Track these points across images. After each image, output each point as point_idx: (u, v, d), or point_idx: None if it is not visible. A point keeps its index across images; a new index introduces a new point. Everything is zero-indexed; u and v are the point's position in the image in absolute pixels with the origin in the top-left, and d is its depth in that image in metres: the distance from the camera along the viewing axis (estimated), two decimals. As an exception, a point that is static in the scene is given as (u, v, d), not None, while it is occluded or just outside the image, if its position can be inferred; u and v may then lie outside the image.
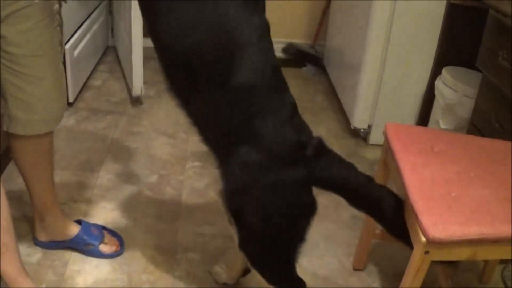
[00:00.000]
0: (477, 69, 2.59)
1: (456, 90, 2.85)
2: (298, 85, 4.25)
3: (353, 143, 3.45)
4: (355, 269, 2.41)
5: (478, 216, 1.63)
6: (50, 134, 2.14)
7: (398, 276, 1.78)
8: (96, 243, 2.35)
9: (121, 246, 2.40)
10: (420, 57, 3.21)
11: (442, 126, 2.91)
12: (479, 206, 1.68)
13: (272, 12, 4.64)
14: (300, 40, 4.77)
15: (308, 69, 4.53)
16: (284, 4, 4.64)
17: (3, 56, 1.83)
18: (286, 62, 4.66)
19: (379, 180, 2.16)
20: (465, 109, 2.77)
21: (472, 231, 1.58)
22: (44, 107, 2.02)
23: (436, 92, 3.03)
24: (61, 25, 2.03)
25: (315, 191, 1.75)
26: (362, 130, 3.44)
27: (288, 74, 4.42)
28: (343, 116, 3.65)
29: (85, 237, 2.34)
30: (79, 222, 2.40)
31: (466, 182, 1.79)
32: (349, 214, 2.74)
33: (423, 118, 3.23)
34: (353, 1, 3.61)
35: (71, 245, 2.36)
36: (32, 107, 1.98)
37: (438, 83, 3.01)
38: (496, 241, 1.60)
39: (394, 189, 1.85)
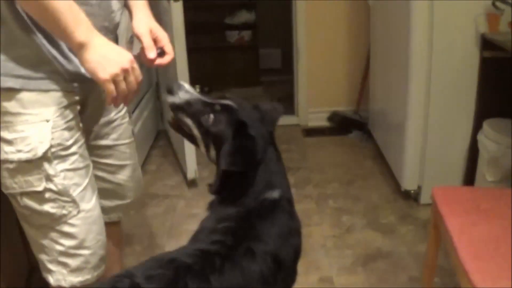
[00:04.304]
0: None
1: (499, 142, 2.88)
2: (346, 152, 4.34)
3: (405, 205, 3.49)
4: (418, 330, 2.44)
5: (527, 270, 1.68)
6: (119, 223, 2.25)
7: (458, 334, 1.82)
8: None
9: None
10: (462, 112, 3.26)
11: (489, 179, 2.94)
12: (527, 260, 1.72)
13: (315, 83, 4.81)
14: (344, 107, 4.87)
15: (354, 135, 4.61)
16: (325, 75, 4.77)
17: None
18: (332, 131, 4.76)
19: (431, 242, 2.22)
20: (510, 160, 2.80)
21: (522, 285, 1.63)
22: (123, 194, 2.13)
23: (479, 146, 3.06)
24: (130, 116, 2.15)
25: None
26: (412, 191, 3.48)
27: (335, 142, 4.55)
28: (393, 179, 3.71)
29: None
30: None
31: (513, 237, 1.84)
32: (407, 276, 2.78)
33: (470, 173, 3.25)
34: (391, 64, 3.71)
35: None
36: (111, 195, 2.09)
37: (480, 137, 3.05)
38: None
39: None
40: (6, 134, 1.61)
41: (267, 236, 1.58)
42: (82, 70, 1.65)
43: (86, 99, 1.81)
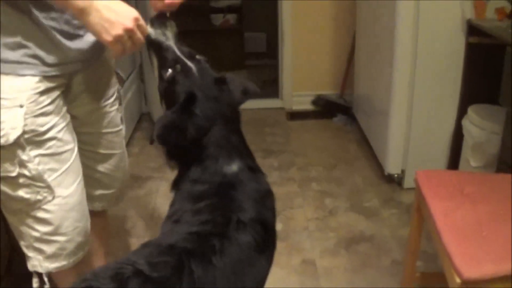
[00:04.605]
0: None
1: (483, 128, 2.90)
2: (330, 136, 4.34)
3: (389, 189, 3.50)
4: (400, 314, 2.45)
5: (510, 253, 1.68)
6: (104, 214, 2.23)
7: (441, 317, 1.83)
8: None
9: None
10: (446, 97, 3.26)
11: (473, 164, 2.95)
12: (510, 243, 1.73)
13: (299, 67, 4.79)
14: (328, 91, 4.85)
15: (339, 119, 4.61)
16: (310, 58, 4.75)
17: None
18: (316, 114, 4.76)
19: (414, 225, 2.23)
20: (494, 146, 2.81)
21: (505, 267, 1.63)
22: (108, 183, 2.09)
23: (464, 132, 3.07)
24: (121, 103, 2.11)
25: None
26: (396, 175, 3.49)
27: (319, 125, 4.55)
28: (377, 163, 3.72)
29: None
30: None
31: (497, 221, 1.85)
32: (390, 260, 2.79)
33: (454, 158, 3.27)
34: (376, 48, 3.71)
35: None
36: (95, 183, 2.05)
37: (465, 122, 3.07)
38: (529, 276, 1.65)
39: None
40: None
41: (247, 205, 1.58)
42: (71, 54, 1.64)
43: (70, 82, 1.78)
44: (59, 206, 1.74)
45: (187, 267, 1.38)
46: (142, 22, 1.55)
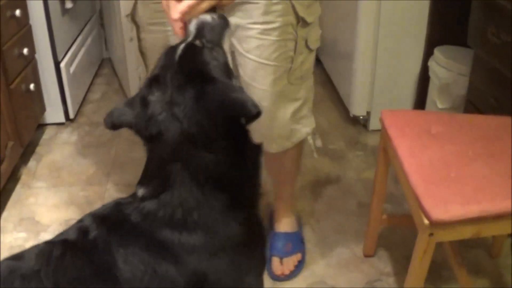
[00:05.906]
0: (469, 46, 2.60)
1: (450, 69, 2.87)
2: (295, 78, 4.27)
3: (354, 131, 3.47)
4: (366, 256, 2.44)
5: (479, 194, 1.66)
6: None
7: (408, 258, 1.82)
8: (270, 253, 2.34)
9: (290, 275, 2.32)
10: (412, 38, 3.22)
11: (439, 106, 2.93)
12: (479, 184, 1.71)
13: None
14: (293, 33, 4.77)
15: (303, 62, 4.53)
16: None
17: None
18: (281, 57, 4.68)
19: (380, 167, 2.20)
20: (461, 87, 2.79)
21: (474, 209, 1.61)
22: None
23: (430, 73, 3.05)
24: None
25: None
26: (361, 117, 3.46)
27: (284, 68, 4.42)
28: (342, 105, 3.67)
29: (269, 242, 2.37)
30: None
31: (465, 161, 1.82)
32: (356, 202, 2.78)
33: (420, 99, 3.25)
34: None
35: None
36: None
37: (431, 63, 3.03)
38: (498, 217, 1.63)
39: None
40: None
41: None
42: None
43: None
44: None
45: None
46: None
